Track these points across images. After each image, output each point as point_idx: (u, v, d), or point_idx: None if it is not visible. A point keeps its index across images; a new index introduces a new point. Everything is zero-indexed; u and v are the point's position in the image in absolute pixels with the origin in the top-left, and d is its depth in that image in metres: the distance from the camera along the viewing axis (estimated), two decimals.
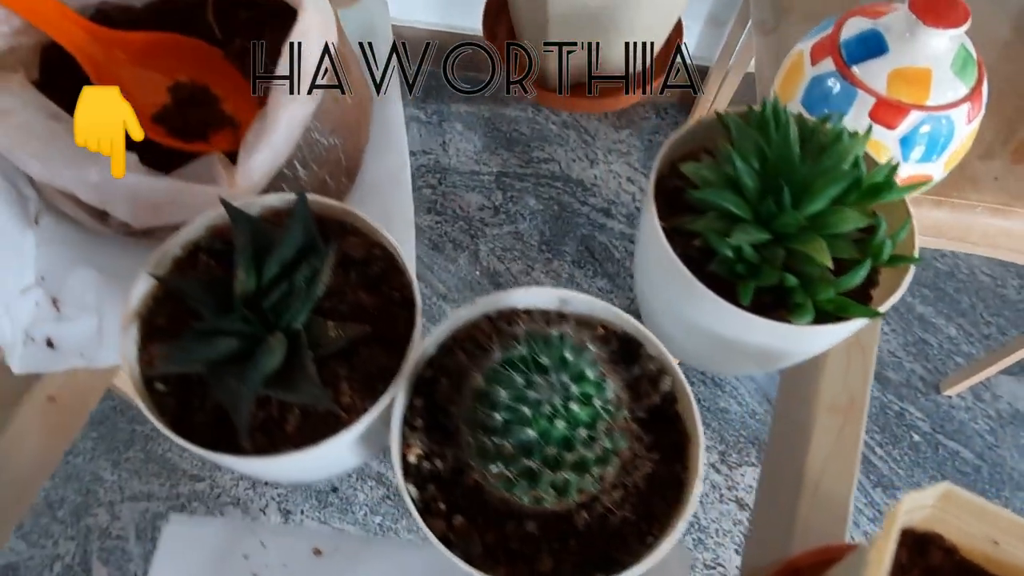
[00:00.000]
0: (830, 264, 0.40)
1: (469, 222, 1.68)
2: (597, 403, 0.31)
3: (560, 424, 0.30)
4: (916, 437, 1.51)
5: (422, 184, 1.71)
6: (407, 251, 0.56)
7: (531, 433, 0.31)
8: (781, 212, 0.41)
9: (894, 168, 0.44)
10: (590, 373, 0.31)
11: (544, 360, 0.31)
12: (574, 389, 0.31)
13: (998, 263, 1.71)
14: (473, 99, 1.84)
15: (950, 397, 1.54)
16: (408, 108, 1.80)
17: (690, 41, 1.68)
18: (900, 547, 0.40)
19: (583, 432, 0.31)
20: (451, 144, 1.76)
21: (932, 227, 1.11)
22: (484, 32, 0.69)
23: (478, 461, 0.34)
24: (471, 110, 1.82)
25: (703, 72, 1.70)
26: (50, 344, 0.53)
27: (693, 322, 0.45)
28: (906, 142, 0.53)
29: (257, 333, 0.36)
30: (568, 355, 0.31)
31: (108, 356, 0.53)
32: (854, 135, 0.43)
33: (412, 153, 1.73)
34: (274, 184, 0.50)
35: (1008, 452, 1.49)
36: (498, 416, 0.31)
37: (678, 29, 0.68)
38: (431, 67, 1.83)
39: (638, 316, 0.43)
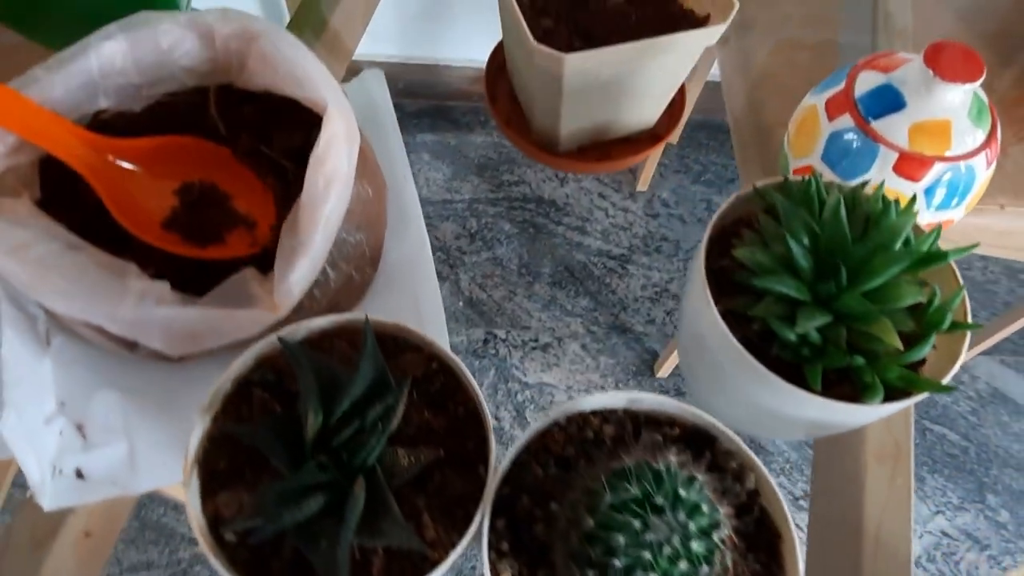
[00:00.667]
0: (898, 344, 0.40)
1: (447, 252, 1.66)
2: (715, 536, 0.31)
3: (683, 565, 0.30)
4: None
5: None
6: (440, 336, 0.55)
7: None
8: (840, 292, 0.41)
9: (938, 234, 0.44)
10: (705, 507, 0.30)
11: (659, 500, 0.30)
12: (692, 527, 0.30)
13: (991, 259, 1.75)
14: (438, 127, 1.82)
15: None
16: None
17: None
18: None
19: (705, 569, 0.30)
20: (420, 174, 1.74)
21: None
22: (486, 94, 0.68)
23: None
24: (436, 138, 1.81)
25: None
26: (80, 475, 0.50)
27: (754, 401, 0.45)
28: (931, 192, 0.53)
29: (339, 482, 0.34)
30: (682, 490, 0.30)
31: (143, 482, 0.50)
32: (903, 210, 0.43)
33: None
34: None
35: (991, 431, 1.54)
36: (617, 562, 0.30)
37: (681, 93, 0.68)
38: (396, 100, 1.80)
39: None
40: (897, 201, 0.44)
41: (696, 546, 0.30)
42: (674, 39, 0.53)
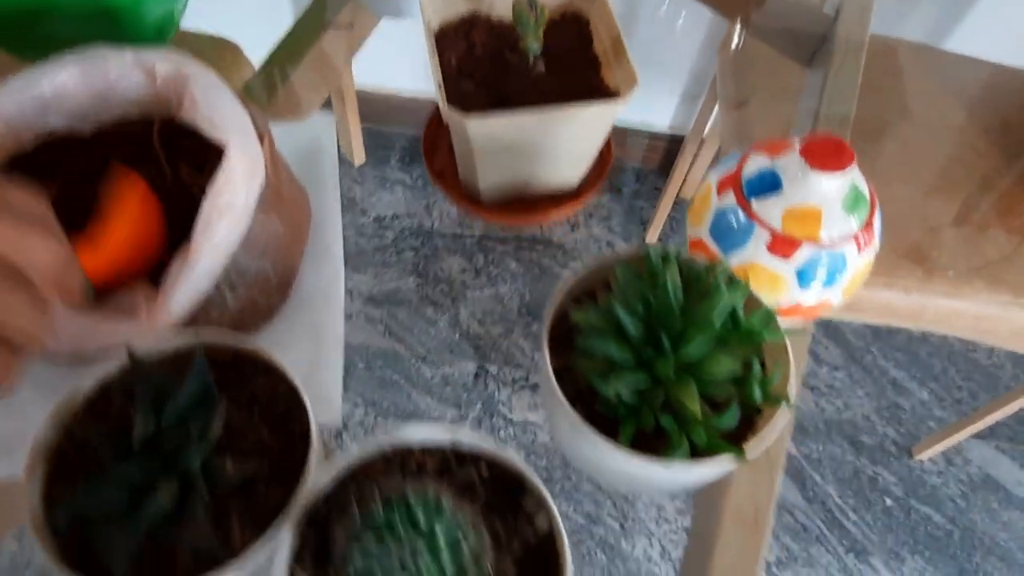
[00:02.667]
0: (697, 411, 0.42)
1: (450, 284, 1.71)
2: (446, 559, 0.33)
3: None
4: (889, 501, 1.51)
5: (404, 247, 1.74)
6: (334, 364, 0.59)
7: None
8: (660, 357, 0.43)
9: (770, 314, 0.46)
10: (443, 534, 0.33)
11: (397, 525, 0.33)
12: (426, 557, 0.32)
13: None
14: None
15: (922, 461, 1.54)
16: (394, 172, 1.84)
17: (667, 114, 1.73)
18: None
19: None
20: (435, 207, 1.80)
21: (885, 307, 1.13)
22: (423, 144, 0.73)
23: None
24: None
25: (679, 141, 1.74)
26: None
27: (587, 456, 0.47)
28: (804, 274, 0.55)
29: (150, 479, 0.38)
30: (421, 516, 0.33)
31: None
32: (735, 285, 0.45)
33: (396, 216, 1.77)
34: (201, 307, 0.53)
35: (979, 516, 1.49)
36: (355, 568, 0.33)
37: (608, 145, 0.71)
38: (415, 131, 1.87)
39: None
40: (732, 279, 0.46)
41: (430, 568, 0.32)
42: (572, 112, 0.56)
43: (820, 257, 0.54)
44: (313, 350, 0.60)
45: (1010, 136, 1.23)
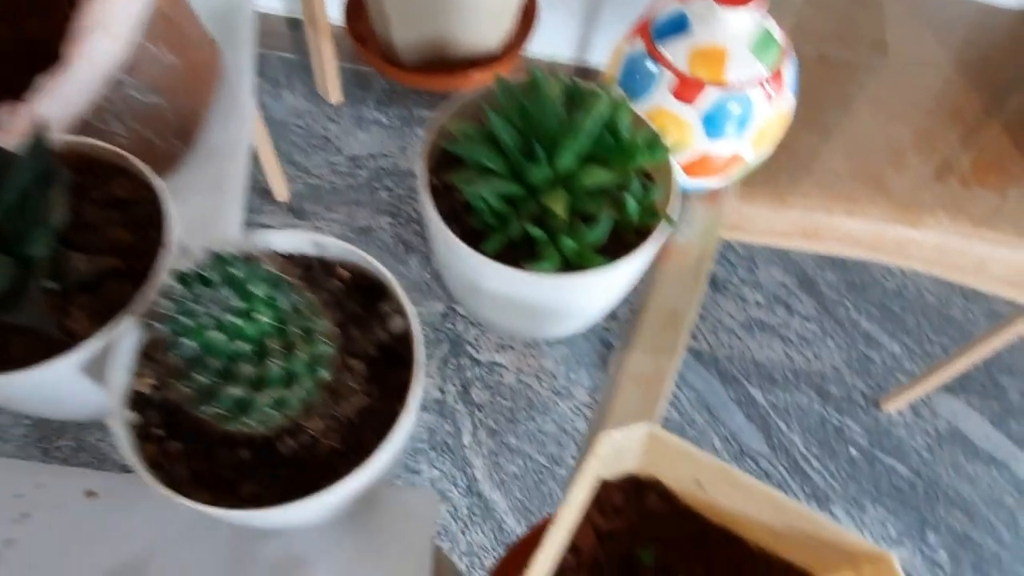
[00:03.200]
0: (564, 216, 0.40)
1: (423, 225, 1.69)
2: (263, 319, 0.31)
3: (216, 335, 0.31)
4: (854, 452, 1.49)
5: (379, 186, 1.72)
6: (234, 215, 0.57)
7: (190, 344, 0.31)
8: (533, 166, 0.42)
9: (655, 135, 0.44)
10: (257, 290, 0.31)
11: (212, 276, 0.31)
12: (236, 303, 0.31)
13: (945, 284, 1.69)
14: (436, 106, 1.86)
15: (890, 414, 1.52)
16: (371, 111, 1.82)
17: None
18: (618, 491, 0.39)
19: (242, 345, 0.31)
20: (411, 148, 1.78)
21: (845, 236, 1.11)
22: (346, 10, 0.71)
23: (172, 382, 0.34)
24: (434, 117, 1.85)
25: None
26: None
27: (463, 276, 0.45)
28: (711, 120, 0.53)
29: None
30: (237, 272, 0.31)
31: None
32: (618, 101, 0.43)
33: (371, 155, 1.76)
34: (89, 136, 0.51)
35: (944, 469, 1.47)
36: (166, 329, 0.31)
37: (528, 18, 0.68)
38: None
39: None
40: (611, 98, 0.44)
41: (238, 321, 0.31)
42: None
43: (726, 103, 0.52)
44: (214, 200, 0.58)
45: (986, 75, 1.20)
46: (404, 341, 0.39)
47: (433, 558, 0.43)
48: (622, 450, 0.37)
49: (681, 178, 0.55)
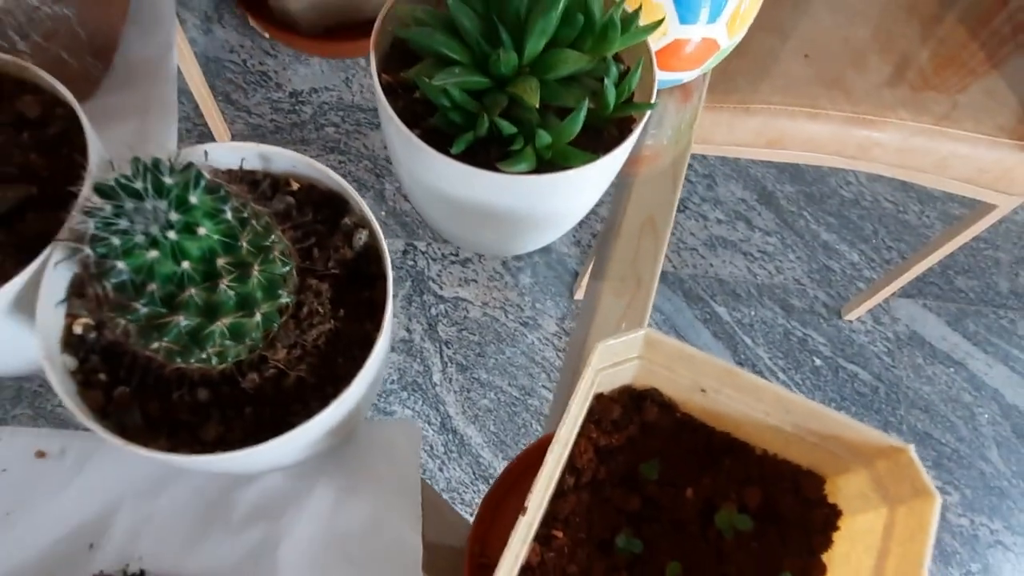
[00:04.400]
0: (535, 103, 0.35)
1: (374, 161, 1.62)
2: (207, 234, 0.27)
3: (153, 255, 0.26)
4: (817, 361, 1.50)
5: (324, 122, 1.64)
6: (166, 136, 0.51)
7: (124, 267, 0.26)
8: (499, 54, 0.37)
9: (631, 14, 0.39)
10: (197, 200, 0.27)
11: (140, 187, 0.26)
12: (174, 216, 0.26)
13: (901, 190, 1.69)
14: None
15: (851, 322, 1.54)
16: None
17: None
18: (616, 405, 0.36)
19: (187, 266, 0.27)
20: (354, 80, 1.69)
21: (808, 140, 1.08)
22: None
23: (110, 317, 0.29)
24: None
25: None
26: None
27: (427, 184, 0.41)
28: (685, 3, 0.48)
29: None
30: (171, 181, 0.26)
31: None
32: None
33: (314, 90, 1.66)
34: None
35: (904, 372, 1.49)
36: (95, 254, 0.27)
37: None
38: None
39: None
40: None
41: (175, 238, 0.26)
42: None
43: None
44: (141, 125, 0.52)
45: None
46: (369, 256, 0.35)
47: (419, 487, 0.40)
48: (618, 360, 0.34)
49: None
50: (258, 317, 0.30)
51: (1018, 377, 1.49)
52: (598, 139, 0.40)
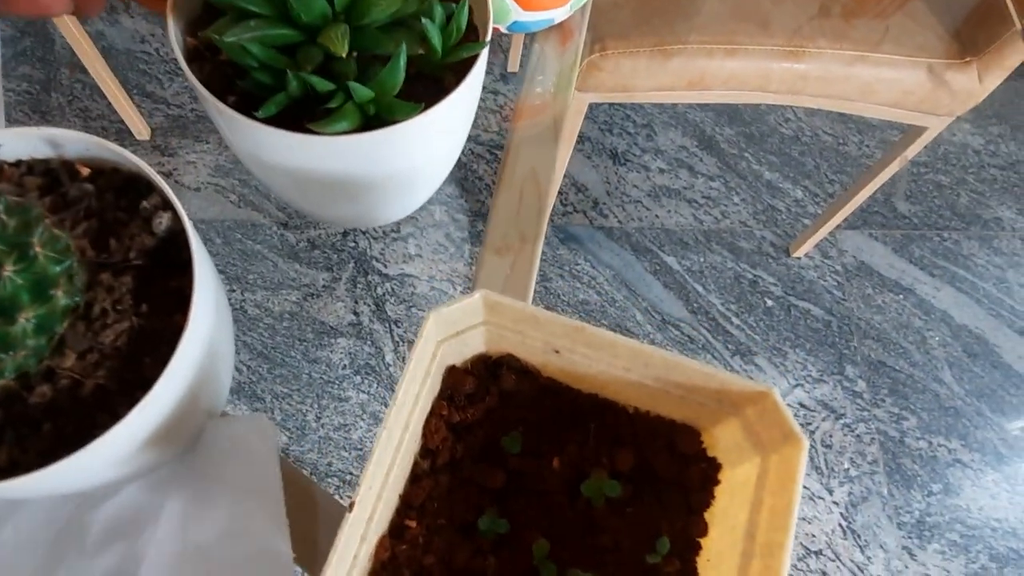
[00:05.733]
0: (343, 52, 0.31)
1: None
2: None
3: None
4: (769, 302, 1.49)
5: None
6: None
7: None
8: (304, 1, 0.33)
9: None
10: None
11: None
12: None
13: (840, 122, 1.67)
14: None
15: (799, 258, 1.52)
16: None
17: None
18: (469, 376, 0.33)
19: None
20: None
21: (731, 78, 1.05)
22: None
23: None
24: None
25: None
26: None
27: (252, 155, 0.37)
28: None
29: None
30: None
31: None
32: None
33: None
34: None
35: (855, 304, 1.48)
36: None
37: None
38: None
39: None
40: None
41: None
42: None
43: None
44: None
45: None
46: (178, 242, 0.31)
47: (282, 486, 0.36)
48: (462, 328, 0.31)
49: (517, 13, 0.47)
50: (23, 324, 0.26)
51: (965, 297, 1.48)
52: (438, 88, 0.36)
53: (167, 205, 0.31)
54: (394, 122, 0.33)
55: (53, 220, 0.29)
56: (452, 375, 0.33)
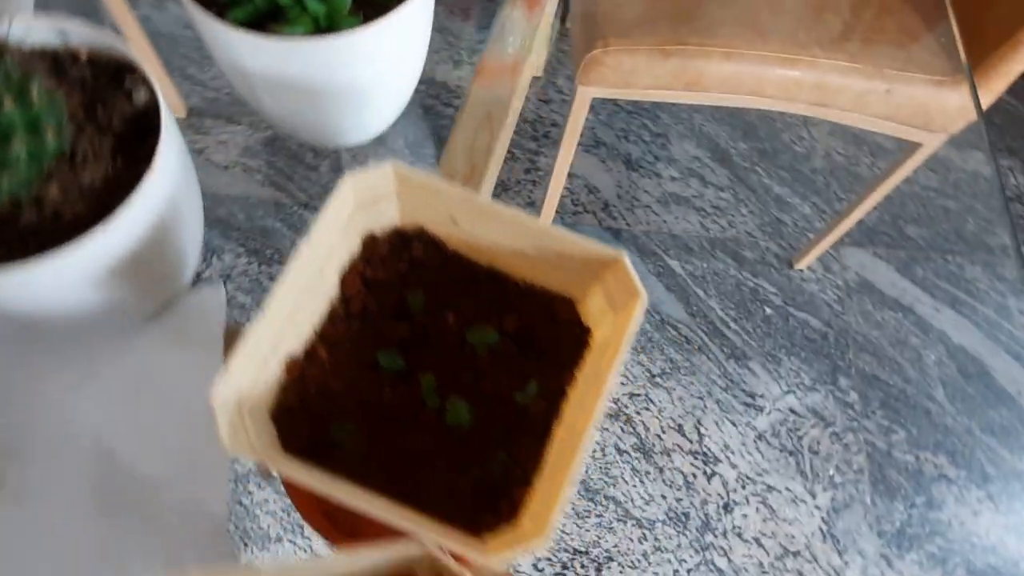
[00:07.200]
0: None
1: None
2: None
3: None
4: (768, 310, 1.52)
5: None
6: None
7: None
8: None
9: None
10: None
11: None
12: None
13: (853, 144, 1.70)
14: None
15: (802, 271, 1.55)
16: None
17: None
18: (385, 243, 0.39)
19: None
20: None
21: (726, 81, 1.10)
22: None
23: None
24: None
25: None
26: None
27: (230, 64, 0.44)
28: None
29: None
30: None
31: None
32: None
33: None
34: None
35: (853, 318, 1.51)
36: None
37: None
38: None
39: None
40: None
41: None
42: None
43: None
44: None
45: None
46: (152, 114, 0.38)
47: (223, 344, 0.42)
48: (378, 196, 0.37)
49: None
50: (17, 149, 0.33)
51: (964, 320, 1.50)
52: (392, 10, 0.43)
53: (145, 81, 0.38)
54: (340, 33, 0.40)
55: (52, 86, 0.36)
56: (370, 241, 0.39)
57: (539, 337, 0.38)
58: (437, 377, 0.37)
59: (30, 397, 0.43)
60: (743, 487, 1.38)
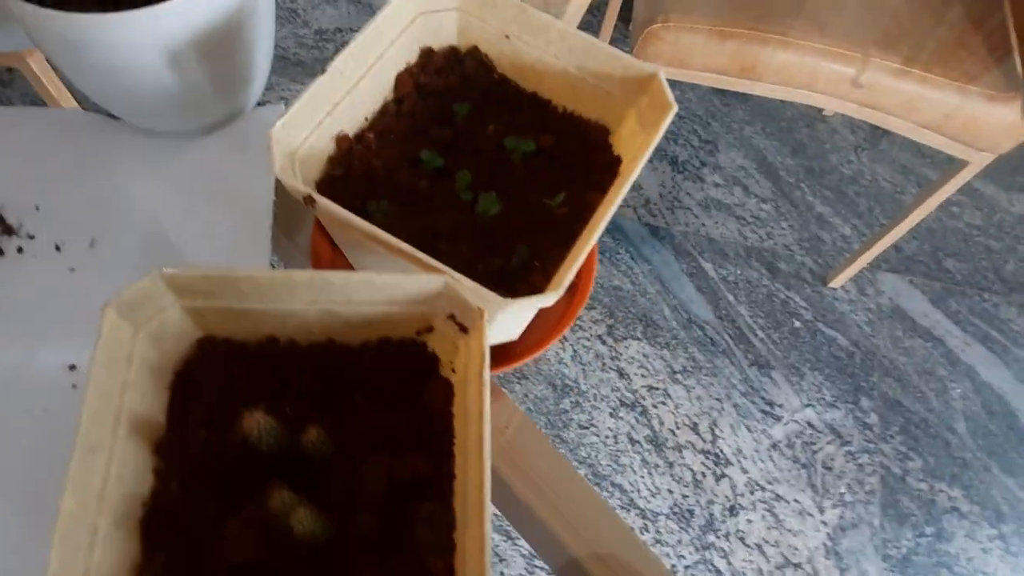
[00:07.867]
0: None
1: None
2: None
3: None
4: (797, 323, 1.52)
5: None
6: None
7: None
8: None
9: None
10: None
11: None
12: None
13: (900, 173, 1.71)
14: None
15: (835, 290, 1.55)
16: None
17: None
18: (441, 57, 0.42)
19: None
20: None
21: (780, 70, 1.13)
22: None
23: None
24: None
25: None
26: None
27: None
28: None
29: None
30: None
31: None
32: None
33: (339, 30, 1.77)
34: None
35: (882, 342, 1.50)
36: None
37: None
38: None
39: None
40: None
41: None
42: None
43: None
44: None
45: None
46: None
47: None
48: (439, 8, 0.40)
49: None
50: None
51: (995, 357, 1.48)
52: None
53: None
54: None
55: None
56: (427, 52, 0.42)
57: (572, 156, 0.41)
58: (473, 176, 0.40)
59: (100, 180, 0.47)
60: (751, 493, 1.37)
